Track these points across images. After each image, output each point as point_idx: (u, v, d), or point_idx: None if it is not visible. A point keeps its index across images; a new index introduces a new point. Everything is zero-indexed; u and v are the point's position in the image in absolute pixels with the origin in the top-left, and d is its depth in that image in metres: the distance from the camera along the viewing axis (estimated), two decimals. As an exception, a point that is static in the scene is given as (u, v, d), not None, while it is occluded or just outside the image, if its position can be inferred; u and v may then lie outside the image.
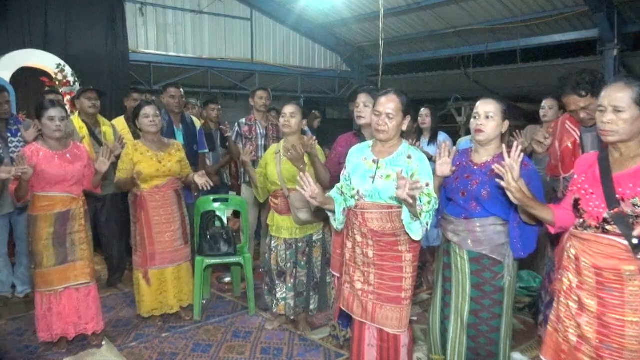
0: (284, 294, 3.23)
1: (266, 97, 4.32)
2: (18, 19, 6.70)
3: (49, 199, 2.94)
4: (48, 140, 2.98)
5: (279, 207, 3.21)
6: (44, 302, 3.01)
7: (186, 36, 8.57)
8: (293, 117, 3.12)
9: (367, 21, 9.17)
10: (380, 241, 2.27)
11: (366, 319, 2.33)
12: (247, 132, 4.24)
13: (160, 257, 3.33)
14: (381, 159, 2.29)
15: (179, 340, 3.22)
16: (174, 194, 3.39)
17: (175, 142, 3.50)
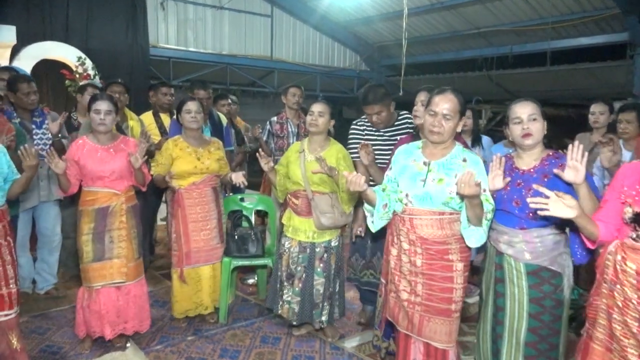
0: (289, 297, 3.10)
1: (299, 94, 4.21)
2: (40, 11, 6.64)
3: (92, 194, 2.90)
4: (96, 134, 2.93)
5: (299, 208, 3.08)
6: (85, 298, 2.95)
7: (206, 32, 8.48)
8: (321, 117, 3.01)
9: (388, 20, 9.03)
10: (429, 249, 2.15)
11: (412, 332, 2.20)
12: (278, 130, 4.13)
13: (195, 256, 3.25)
14: (433, 161, 2.16)
15: (206, 344, 3.10)
16: (211, 192, 3.30)
17: (215, 140, 3.42)
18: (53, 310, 3.55)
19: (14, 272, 2.56)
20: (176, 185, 3.23)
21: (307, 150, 3.08)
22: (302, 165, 3.01)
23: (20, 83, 3.48)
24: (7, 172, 2.54)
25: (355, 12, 9.01)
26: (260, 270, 3.86)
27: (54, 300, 3.72)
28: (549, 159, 2.11)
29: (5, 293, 2.51)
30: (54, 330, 3.25)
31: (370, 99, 2.93)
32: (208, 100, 3.98)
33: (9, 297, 2.51)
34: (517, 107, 2.10)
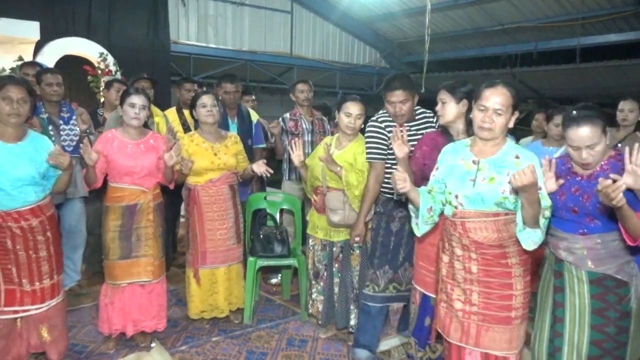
0: (315, 295, 3.12)
1: (307, 90, 4.07)
2: (63, 7, 6.66)
3: (119, 190, 2.86)
4: (126, 128, 2.88)
5: (318, 204, 3.04)
6: (108, 295, 2.92)
7: (226, 28, 8.44)
8: (359, 119, 2.92)
9: (410, 17, 8.90)
10: (485, 254, 2.00)
11: (467, 343, 2.05)
12: (292, 127, 4.04)
13: (211, 256, 3.17)
14: (482, 159, 2.01)
15: (231, 345, 3.05)
16: (228, 189, 3.22)
17: (232, 135, 3.33)
18: (76, 308, 3.53)
19: (50, 267, 2.57)
20: (192, 183, 3.17)
21: (333, 145, 3.02)
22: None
23: (45, 74, 3.50)
24: (47, 168, 2.52)
25: (376, 8, 8.89)
26: (284, 271, 3.80)
27: (77, 298, 3.70)
28: (610, 162, 1.96)
29: (37, 288, 2.52)
30: (78, 328, 3.23)
31: (397, 84, 2.65)
32: (236, 94, 3.88)
33: (41, 292, 2.53)
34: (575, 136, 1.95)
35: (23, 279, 2.48)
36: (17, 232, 2.44)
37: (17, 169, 2.40)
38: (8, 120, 2.39)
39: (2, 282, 2.44)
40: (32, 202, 2.48)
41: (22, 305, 2.49)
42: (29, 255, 2.49)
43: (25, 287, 2.48)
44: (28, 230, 2.47)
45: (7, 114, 2.37)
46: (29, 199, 2.47)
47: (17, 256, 2.46)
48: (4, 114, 2.38)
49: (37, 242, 2.50)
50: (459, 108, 2.42)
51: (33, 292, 2.50)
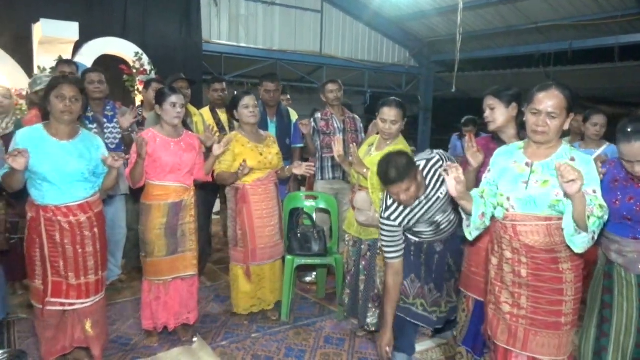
0: (347, 289, 3.19)
1: (336, 89, 4.06)
2: (100, 8, 6.82)
3: (163, 188, 2.90)
4: (165, 127, 2.94)
5: (352, 202, 3.09)
6: (152, 291, 2.98)
7: (257, 27, 8.51)
8: (395, 124, 2.86)
9: (441, 15, 8.81)
10: (536, 258, 1.97)
11: (515, 347, 2.04)
12: (324, 127, 4.05)
13: (261, 253, 3.24)
14: (536, 162, 1.98)
15: (270, 342, 3.08)
16: (273, 188, 3.29)
17: (269, 135, 3.39)
18: (119, 301, 3.62)
19: (95, 263, 2.63)
20: (240, 182, 3.22)
21: (374, 146, 3.03)
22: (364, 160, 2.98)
23: (88, 72, 3.63)
24: (97, 166, 2.61)
25: (407, 7, 8.83)
26: (319, 269, 3.82)
27: (119, 292, 3.80)
28: None
29: (82, 283, 2.59)
30: (122, 321, 3.31)
31: (394, 176, 2.24)
32: (277, 93, 3.91)
33: (86, 287, 2.60)
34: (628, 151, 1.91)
35: (69, 273, 2.55)
36: (65, 227, 2.51)
37: (68, 165, 2.48)
38: (61, 118, 2.48)
39: (50, 273, 2.52)
40: (81, 198, 2.56)
41: (68, 298, 2.56)
42: (76, 250, 2.56)
43: (71, 280, 2.55)
44: (76, 226, 2.54)
45: (60, 112, 2.46)
46: (78, 195, 2.55)
47: (65, 250, 2.53)
48: (58, 112, 2.47)
49: (84, 238, 2.58)
50: (509, 112, 2.39)
51: (78, 286, 2.57)
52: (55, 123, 2.52)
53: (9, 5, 6.21)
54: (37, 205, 2.49)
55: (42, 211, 2.48)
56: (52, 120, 2.52)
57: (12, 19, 6.22)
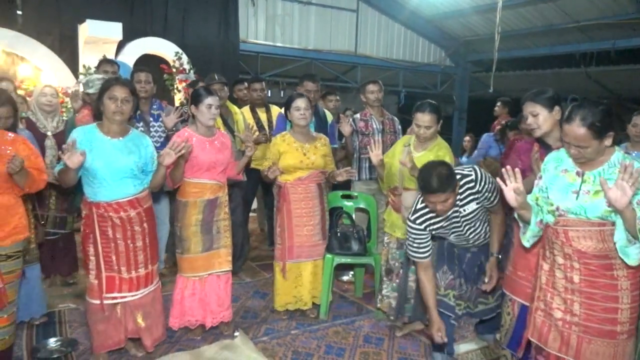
0: (388, 292, 3.18)
1: (377, 90, 4.04)
2: (142, 8, 6.99)
3: (199, 185, 2.97)
4: (200, 127, 3.00)
5: (397, 204, 3.08)
6: (188, 287, 3.05)
7: (293, 27, 8.58)
8: (429, 129, 2.89)
9: (478, 14, 8.69)
10: (589, 264, 1.93)
11: (567, 354, 2.00)
12: (363, 127, 4.05)
13: (297, 251, 3.27)
14: (587, 171, 1.94)
15: (310, 339, 3.12)
16: (316, 188, 3.31)
17: (322, 136, 3.42)
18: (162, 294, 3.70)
19: (145, 257, 2.72)
20: (282, 180, 3.27)
21: (412, 146, 3.03)
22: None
23: (136, 72, 3.74)
24: (146, 162, 2.70)
25: (444, 6, 8.74)
26: (357, 269, 3.84)
27: (164, 285, 3.88)
28: None
29: (134, 277, 2.68)
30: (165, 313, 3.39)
31: (435, 186, 2.26)
32: (316, 93, 3.96)
33: (137, 280, 2.69)
34: None
35: (122, 267, 2.64)
36: (116, 222, 2.61)
37: (118, 162, 2.58)
38: (113, 118, 2.58)
39: (104, 268, 2.62)
40: (130, 195, 2.65)
41: (121, 291, 2.66)
42: (127, 244, 2.65)
43: (124, 274, 2.65)
44: (127, 221, 2.64)
45: (112, 112, 2.56)
46: (128, 192, 2.64)
47: (117, 245, 2.63)
48: (110, 112, 2.57)
49: (134, 233, 2.67)
50: (552, 116, 2.36)
51: (130, 280, 2.67)
52: (107, 123, 2.62)
53: (56, 6, 6.43)
54: (90, 203, 2.59)
55: (95, 208, 2.58)
56: (105, 120, 2.63)
57: (59, 20, 6.45)
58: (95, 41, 6.26)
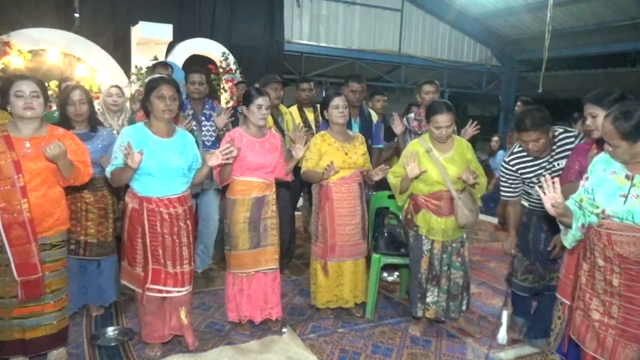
0: (435, 297, 3.10)
1: (433, 91, 4.02)
2: (191, 10, 7.18)
3: (247, 183, 3.02)
4: (251, 127, 3.05)
5: (441, 209, 3.01)
6: (236, 284, 3.11)
7: (337, 27, 8.62)
8: (449, 128, 2.94)
9: (527, 12, 8.48)
10: (630, 270, 1.90)
11: (602, 356, 1.98)
12: (416, 127, 4.02)
13: (339, 250, 3.28)
14: (638, 174, 1.89)
15: (357, 338, 3.13)
16: (357, 187, 3.32)
17: (358, 135, 3.42)
18: (211, 289, 3.82)
19: (189, 253, 2.79)
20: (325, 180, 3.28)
21: (434, 150, 3.00)
22: (439, 166, 2.95)
23: (190, 73, 3.84)
24: (192, 161, 2.77)
25: (492, 5, 8.57)
26: (403, 269, 3.82)
27: (210, 280, 4.00)
28: None
29: (179, 272, 2.74)
30: (215, 308, 3.49)
31: (528, 124, 2.61)
32: (362, 93, 3.97)
33: (182, 276, 2.75)
34: None
35: (167, 261, 2.70)
36: (165, 218, 2.67)
37: (170, 161, 2.65)
38: (162, 117, 2.65)
39: (150, 261, 2.69)
40: (179, 192, 2.73)
41: (166, 285, 2.71)
42: (174, 239, 2.71)
43: (169, 269, 2.71)
44: (174, 217, 2.70)
45: (161, 111, 2.63)
46: (177, 189, 2.72)
47: (164, 239, 2.69)
48: (159, 111, 2.63)
49: (180, 229, 2.73)
50: None
51: (175, 275, 2.72)
52: (155, 121, 2.69)
53: (110, 9, 6.69)
54: (140, 197, 2.66)
55: (145, 202, 2.65)
56: (153, 118, 2.69)
57: (113, 22, 6.70)
58: (147, 42, 6.46)
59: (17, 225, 2.40)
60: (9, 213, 2.39)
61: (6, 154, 2.38)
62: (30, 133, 2.48)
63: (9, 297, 2.46)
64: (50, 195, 2.53)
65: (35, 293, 2.49)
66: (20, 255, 2.42)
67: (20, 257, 2.42)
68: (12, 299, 2.47)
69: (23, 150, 2.43)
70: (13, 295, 2.46)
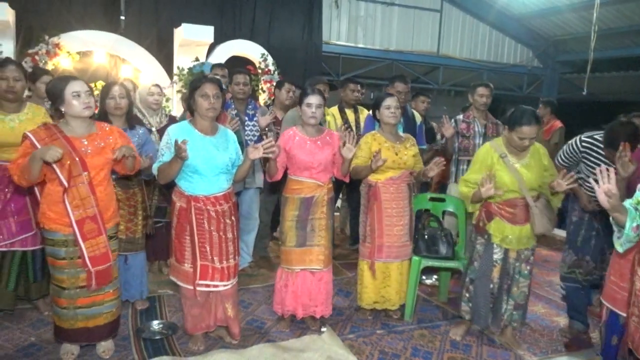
0: (511, 306, 3.04)
1: (487, 94, 3.99)
2: (231, 12, 7.29)
3: (298, 183, 3.07)
4: (305, 126, 3.09)
5: (516, 217, 2.91)
6: (282, 278, 3.17)
7: (375, 28, 8.59)
8: (532, 140, 2.83)
9: (571, 12, 8.23)
10: None
11: None
12: (464, 129, 3.98)
13: (387, 251, 3.27)
14: None
15: (396, 340, 3.12)
16: (406, 188, 3.30)
17: (409, 137, 3.40)
18: (251, 287, 3.87)
19: (234, 247, 2.85)
20: (373, 180, 3.28)
21: (509, 155, 2.90)
22: (514, 172, 2.84)
23: (235, 74, 3.91)
24: (235, 159, 2.83)
25: (534, 4, 8.37)
26: (443, 273, 3.78)
27: (250, 278, 4.05)
28: None
29: (225, 266, 2.80)
30: (255, 305, 3.54)
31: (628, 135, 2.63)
32: (407, 94, 3.97)
33: (228, 270, 2.81)
34: None
35: (215, 257, 2.77)
36: (212, 215, 2.74)
37: (216, 158, 2.71)
38: (207, 115, 2.71)
39: (199, 258, 2.75)
40: (224, 189, 2.79)
41: (213, 280, 2.78)
42: (220, 236, 2.78)
43: (216, 264, 2.77)
44: (221, 214, 2.76)
45: (206, 109, 2.69)
46: (222, 186, 2.78)
47: (211, 236, 2.75)
48: (204, 109, 2.70)
49: (226, 225, 2.79)
50: None
51: (222, 270, 2.79)
52: (199, 119, 2.75)
53: (154, 11, 6.87)
54: (188, 196, 2.73)
55: (193, 201, 2.71)
56: (197, 117, 2.76)
57: (157, 24, 6.88)
58: (189, 44, 6.61)
59: (89, 219, 2.53)
60: (81, 209, 2.51)
61: (72, 154, 2.49)
62: (84, 131, 2.58)
63: (74, 287, 2.59)
64: (108, 189, 2.66)
65: (106, 281, 2.63)
66: (92, 247, 2.55)
67: (92, 249, 2.55)
68: (77, 290, 2.59)
69: (84, 149, 2.54)
70: (79, 285, 2.58)
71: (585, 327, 3.21)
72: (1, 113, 2.94)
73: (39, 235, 3.02)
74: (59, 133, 2.51)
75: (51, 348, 2.79)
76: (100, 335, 2.72)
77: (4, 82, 2.90)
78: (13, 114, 2.97)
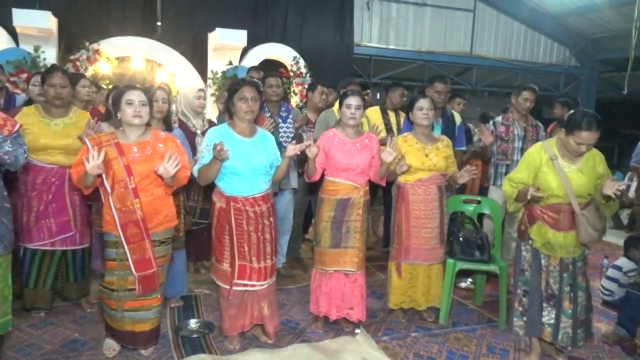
0: (552, 319, 2.78)
1: (532, 99, 3.90)
2: (264, 16, 7.39)
3: (335, 184, 3.09)
4: (345, 128, 3.12)
5: (560, 222, 2.75)
6: (317, 278, 3.20)
7: (407, 29, 8.54)
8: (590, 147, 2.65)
9: (610, 9, 7.99)
10: None
11: None
12: (503, 132, 3.92)
13: (414, 253, 3.25)
14: None
15: (431, 343, 3.09)
16: (436, 190, 3.26)
17: (444, 138, 3.38)
18: (284, 288, 3.90)
19: (272, 248, 2.89)
20: (402, 181, 3.27)
21: (560, 158, 2.73)
22: (562, 177, 2.68)
23: (268, 77, 3.97)
24: (273, 159, 2.87)
25: (571, 2, 8.16)
26: (478, 276, 3.73)
27: (283, 279, 4.08)
28: None
29: (262, 266, 2.85)
30: (289, 306, 3.57)
31: None
32: (447, 94, 3.93)
33: (265, 270, 2.85)
34: None
35: (252, 257, 2.81)
36: (251, 216, 2.79)
37: (255, 160, 2.76)
38: (245, 117, 2.77)
39: (237, 258, 2.80)
40: (263, 190, 2.83)
41: (250, 279, 2.82)
42: (258, 236, 2.82)
43: (254, 264, 2.82)
44: (259, 215, 2.81)
45: (244, 112, 2.75)
46: (261, 187, 2.82)
47: (250, 237, 2.80)
48: (242, 112, 2.75)
49: (264, 226, 2.83)
50: None
51: (259, 270, 2.83)
52: (238, 122, 2.81)
53: (189, 17, 7.04)
54: (227, 197, 2.78)
55: (232, 202, 2.76)
56: (236, 119, 2.81)
57: (192, 29, 7.04)
58: (223, 48, 6.74)
59: (132, 223, 2.60)
60: (124, 213, 2.59)
61: (118, 160, 2.58)
62: (136, 138, 2.67)
63: (123, 289, 2.66)
64: (157, 194, 2.70)
65: (151, 287, 2.68)
66: (136, 251, 2.62)
67: (136, 254, 2.62)
68: (126, 292, 2.66)
69: (132, 155, 2.62)
70: (128, 288, 2.65)
71: (630, 336, 3.09)
72: (48, 117, 3.06)
73: (79, 236, 3.15)
74: (112, 140, 2.62)
75: (94, 344, 2.88)
76: (146, 341, 2.78)
77: (51, 89, 3.03)
78: (59, 119, 3.09)
